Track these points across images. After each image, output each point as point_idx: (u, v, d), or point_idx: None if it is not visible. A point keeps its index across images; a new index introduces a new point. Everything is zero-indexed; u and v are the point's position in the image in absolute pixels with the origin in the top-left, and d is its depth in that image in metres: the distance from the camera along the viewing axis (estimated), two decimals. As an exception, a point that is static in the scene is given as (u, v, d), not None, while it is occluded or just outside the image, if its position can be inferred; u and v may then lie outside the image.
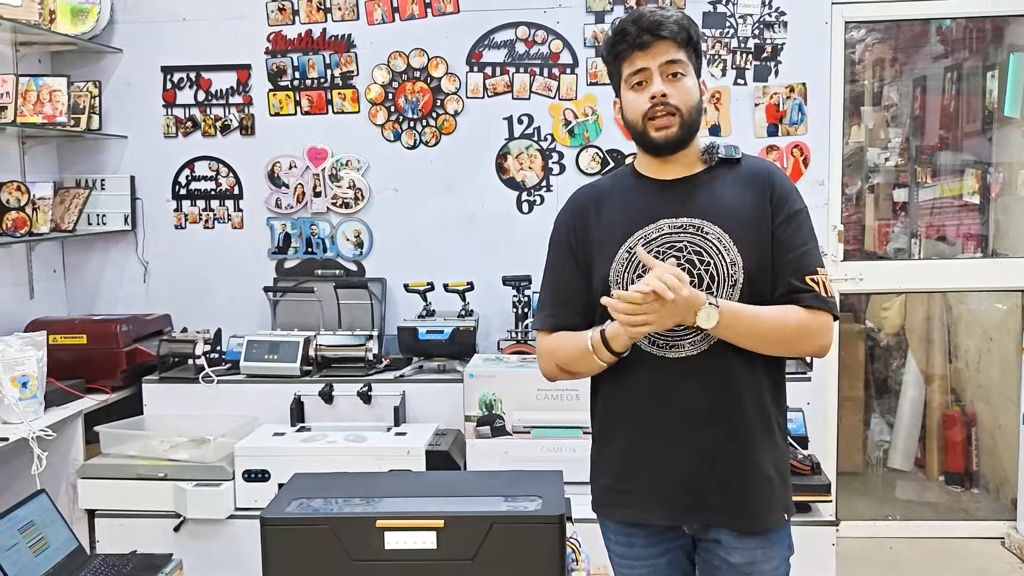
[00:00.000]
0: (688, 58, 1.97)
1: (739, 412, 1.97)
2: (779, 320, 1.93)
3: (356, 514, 2.21)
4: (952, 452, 4.75)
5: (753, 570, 2.01)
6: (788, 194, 2.01)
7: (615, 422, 2.09)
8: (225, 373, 3.86)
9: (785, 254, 1.97)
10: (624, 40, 1.96)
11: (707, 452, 1.97)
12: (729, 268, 1.94)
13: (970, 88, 4.73)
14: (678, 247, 1.96)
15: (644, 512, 2.05)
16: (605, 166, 4.08)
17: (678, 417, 1.98)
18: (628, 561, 2.14)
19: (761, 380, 2.00)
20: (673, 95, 1.94)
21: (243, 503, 3.50)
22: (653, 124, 1.96)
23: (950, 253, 4.68)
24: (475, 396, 3.48)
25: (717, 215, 1.97)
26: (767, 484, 2.00)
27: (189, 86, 4.22)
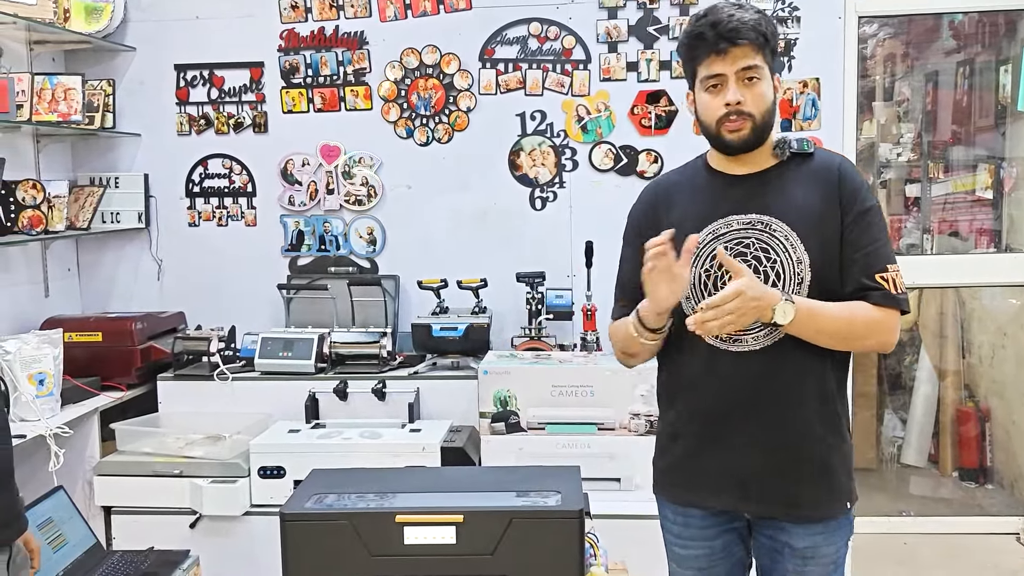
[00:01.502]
0: (764, 60, 1.99)
1: (802, 405, 2.03)
2: (848, 316, 1.97)
3: (375, 509, 2.21)
4: (966, 448, 4.74)
5: (814, 553, 2.06)
6: (858, 191, 2.02)
7: (679, 409, 2.15)
8: (240, 370, 3.87)
9: (854, 252, 1.99)
10: (701, 44, 1.98)
11: (770, 443, 2.03)
12: (795, 266, 1.99)
13: (983, 83, 4.71)
14: (745, 243, 2.01)
15: (706, 497, 2.11)
16: (618, 162, 4.08)
17: (741, 408, 2.03)
18: (683, 541, 2.20)
19: (826, 373, 2.05)
20: (748, 101, 1.97)
21: (259, 500, 3.51)
22: (727, 127, 1.99)
23: (963, 248, 4.67)
24: (489, 392, 3.48)
25: (785, 212, 2.00)
26: (829, 475, 2.05)
27: (202, 84, 4.23)
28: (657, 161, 4.06)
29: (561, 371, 3.48)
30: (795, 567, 2.08)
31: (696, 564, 2.19)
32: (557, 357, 3.68)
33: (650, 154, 4.07)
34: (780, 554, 2.09)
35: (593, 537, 2.49)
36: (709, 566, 2.18)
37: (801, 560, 2.07)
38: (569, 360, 3.62)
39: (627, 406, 3.42)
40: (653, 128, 4.06)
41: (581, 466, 2.53)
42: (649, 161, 4.07)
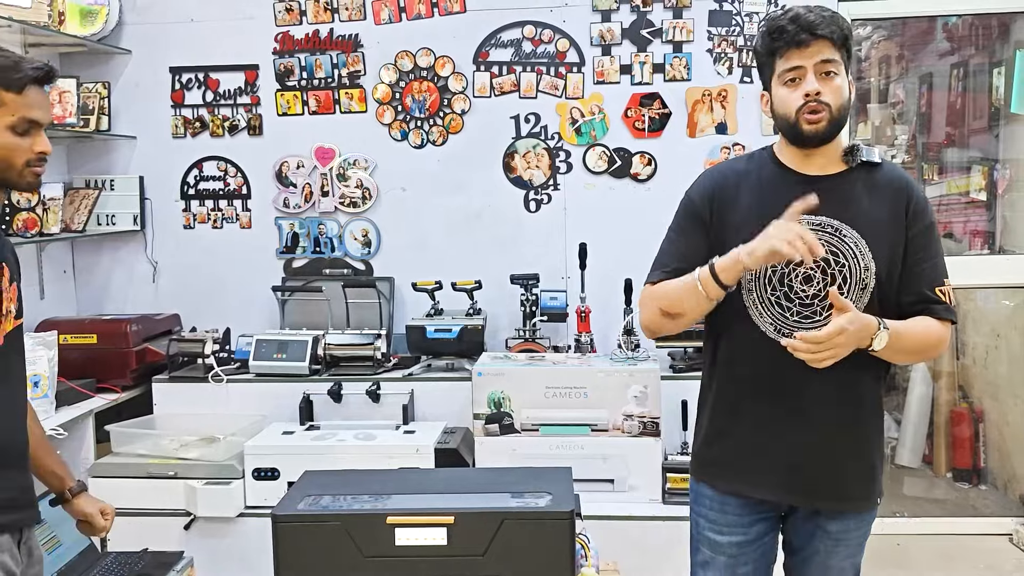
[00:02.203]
0: (841, 58, 2.03)
1: (855, 404, 2.10)
2: (924, 335, 2.05)
3: (367, 511, 2.22)
4: (960, 449, 4.73)
5: (845, 537, 2.17)
6: (925, 206, 2.10)
7: (727, 398, 2.19)
8: (234, 372, 3.88)
9: (917, 265, 2.07)
10: (782, 37, 2.02)
11: (819, 438, 2.10)
12: (862, 272, 2.03)
13: (977, 85, 4.72)
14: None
15: (753, 487, 2.17)
16: (612, 164, 4.09)
17: (791, 402, 2.09)
18: (719, 527, 2.24)
19: (875, 375, 2.12)
20: (825, 93, 2.00)
21: (253, 501, 3.52)
22: (806, 118, 2.01)
23: (957, 250, 4.67)
24: (483, 394, 3.49)
25: (855, 219, 2.05)
26: (870, 472, 2.15)
27: (197, 87, 4.24)
28: (651, 163, 4.07)
29: (555, 373, 3.49)
30: (826, 547, 2.18)
31: (729, 551, 2.24)
32: (551, 359, 3.69)
33: (644, 157, 4.08)
34: (813, 536, 2.19)
35: (584, 538, 2.50)
36: (740, 552, 2.24)
37: (833, 542, 2.18)
38: (563, 362, 3.63)
39: (620, 407, 3.43)
40: (647, 131, 4.07)
41: (574, 467, 2.54)
42: (643, 164, 4.08)
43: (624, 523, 3.32)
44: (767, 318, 2.10)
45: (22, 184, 1.95)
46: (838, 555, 2.19)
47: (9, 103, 1.87)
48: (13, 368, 2.04)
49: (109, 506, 2.40)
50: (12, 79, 1.86)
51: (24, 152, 1.90)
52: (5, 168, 1.90)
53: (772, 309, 2.09)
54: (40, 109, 1.92)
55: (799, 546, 2.24)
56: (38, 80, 1.90)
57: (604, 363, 3.57)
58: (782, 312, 2.08)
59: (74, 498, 2.32)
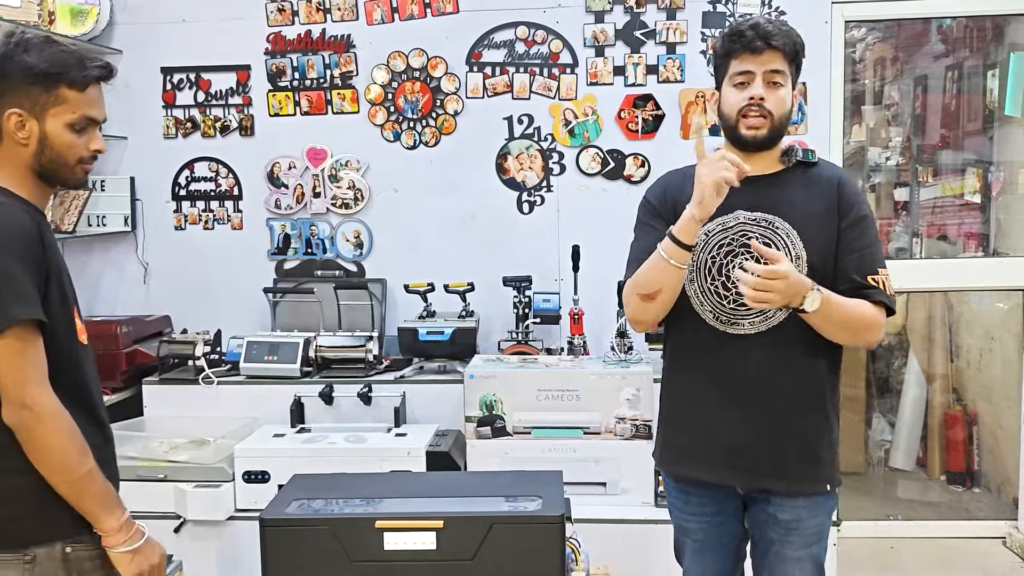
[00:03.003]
0: (790, 71, 2.19)
1: (794, 387, 2.21)
2: (857, 311, 2.15)
3: (355, 515, 2.22)
4: (954, 451, 4.74)
5: (799, 526, 2.24)
6: (856, 199, 2.23)
7: (678, 390, 2.35)
8: (225, 374, 3.87)
9: (850, 254, 2.19)
10: (739, 41, 2.16)
11: (761, 422, 2.20)
12: (794, 261, 2.14)
13: (971, 87, 4.72)
14: (749, 236, 2.18)
15: (700, 471, 2.29)
16: (605, 166, 4.08)
17: (735, 388, 2.21)
18: (684, 514, 2.38)
19: (818, 362, 2.23)
20: (769, 100, 2.15)
21: (243, 504, 3.50)
22: (746, 122, 2.17)
23: (951, 252, 4.67)
24: (476, 397, 3.47)
25: (788, 212, 2.19)
26: (815, 456, 2.24)
27: (189, 87, 4.22)
28: (644, 165, 4.06)
29: (547, 375, 3.48)
30: (779, 536, 2.26)
31: (695, 535, 2.37)
32: (544, 361, 3.68)
33: (637, 158, 4.07)
34: (767, 525, 2.27)
35: (575, 542, 2.50)
36: (705, 539, 2.36)
37: (785, 531, 2.25)
38: (555, 364, 3.62)
39: (613, 410, 3.42)
40: (640, 132, 4.06)
41: (566, 470, 2.56)
42: (636, 165, 4.07)
43: (616, 526, 3.31)
44: (707, 307, 2.23)
45: (71, 181, 1.95)
46: (792, 545, 2.25)
47: (71, 100, 1.87)
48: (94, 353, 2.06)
49: None
50: (77, 77, 1.86)
51: (79, 150, 1.91)
52: (59, 165, 1.90)
53: (712, 298, 2.22)
54: (100, 107, 1.93)
55: (756, 537, 2.33)
56: (101, 78, 1.92)
57: (597, 365, 3.55)
58: (720, 301, 2.21)
59: None
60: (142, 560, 1.90)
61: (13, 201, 1.84)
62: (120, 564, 1.88)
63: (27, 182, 1.90)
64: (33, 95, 1.85)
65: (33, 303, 1.77)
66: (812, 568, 2.29)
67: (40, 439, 1.79)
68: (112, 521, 1.86)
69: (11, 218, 1.79)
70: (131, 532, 1.89)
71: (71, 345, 1.90)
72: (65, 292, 1.89)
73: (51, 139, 1.87)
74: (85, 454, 1.82)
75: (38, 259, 1.80)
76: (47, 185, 1.94)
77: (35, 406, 1.77)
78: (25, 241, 1.78)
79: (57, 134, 1.87)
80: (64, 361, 1.87)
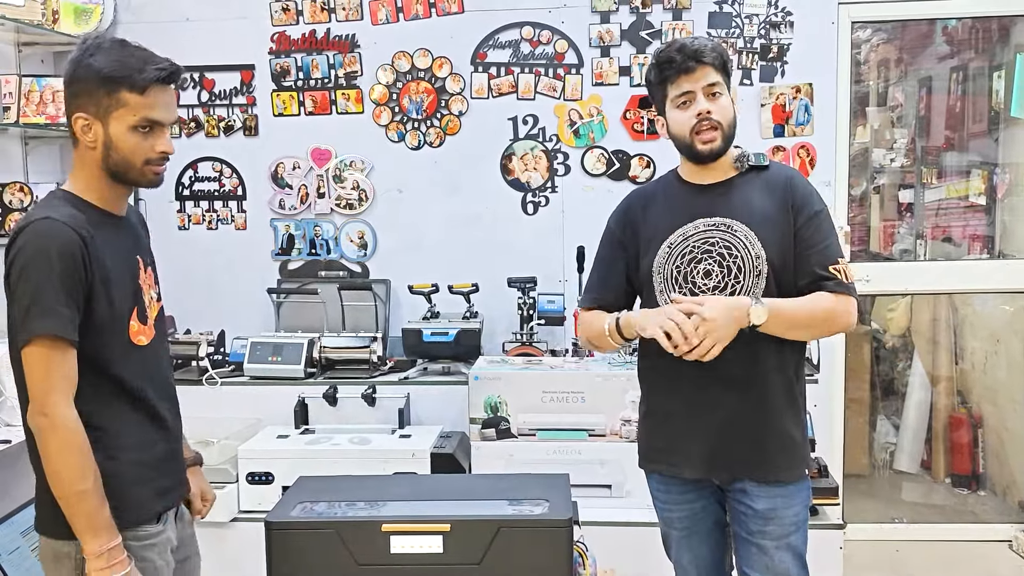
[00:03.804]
0: (723, 80, 2.30)
1: (765, 384, 2.29)
2: (811, 308, 2.25)
3: (361, 518, 2.21)
4: (959, 454, 4.72)
5: (775, 515, 2.31)
6: (808, 197, 2.32)
7: (654, 390, 2.44)
8: (229, 375, 3.86)
9: (808, 249, 2.28)
10: (671, 66, 2.27)
11: (733, 416, 2.28)
12: (754, 261, 2.26)
13: (976, 88, 4.70)
14: (711, 242, 2.29)
15: (677, 467, 2.37)
16: (610, 167, 4.07)
17: (710, 387, 2.28)
18: (668, 506, 2.47)
19: (786, 356, 2.32)
20: (715, 112, 2.27)
21: (247, 506, 3.49)
22: (700, 138, 2.28)
23: (956, 254, 4.64)
24: (480, 398, 3.45)
25: (745, 215, 2.29)
26: (788, 444, 2.32)
27: (193, 86, 4.22)
28: (649, 166, 4.05)
29: (552, 377, 3.46)
30: (758, 527, 2.32)
31: (679, 525, 2.46)
32: (548, 363, 3.66)
33: (642, 159, 4.06)
34: (745, 515, 2.33)
35: (582, 545, 2.49)
36: (691, 525, 2.44)
37: (763, 520, 2.31)
38: (560, 366, 3.60)
39: (618, 412, 3.40)
40: (646, 133, 4.05)
41: (572, 473, 2.55)
42: (641, 166, 4.06)
43: (621, 529, 3.28)
44: None
45: (143, 182, 1.99)
46: (770, 535, 2.32)
47: (132, 103, 1.91)
48: (163, 353, 2.16)
49: (211, 491, 2.44)
50: (136, 80, 1.91)
51: (144, 151, 1.94)
52: (126, 167, 1.95)
53: None
54: (163, 109, 1.97)
55: (737, 529, 2.38)
56: (161, 80, 1.94)
57: (602, 367, 3.53)
58: None
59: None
60: None
61: (67, 212, 1.89)
62: None
63: (100, 184, 1.97)
64: (97, 98, 1.90)
65: (60, 320, 1.83)
66: (791, 558, 2.34)
67: (47, 447, 1.86)
68: (94, 546, 1.87)
69: (52, 237, 1.85)
70: (112, 562, 1.88)
71: (123, 349, 1.97)
72: (113, 300, 1.94)
73: (115, 142, 1.92)
74: (84, 474, 1.86)
75: (77, 276, 1.86)
76: (121, 185, 2.00)
77: (52, 416, 1.84)
78: (63, 260, 1.84)
79: (121, 137, 1.92)
80: (113, 365, 1.95)
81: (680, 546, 2.49)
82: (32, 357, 1.85)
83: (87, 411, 1.90)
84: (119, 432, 1.98)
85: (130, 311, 1.99)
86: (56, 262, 1.83)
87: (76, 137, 1.94)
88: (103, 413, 1.95)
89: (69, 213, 1.90)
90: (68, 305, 1.85)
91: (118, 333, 1.96)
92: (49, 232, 1.85)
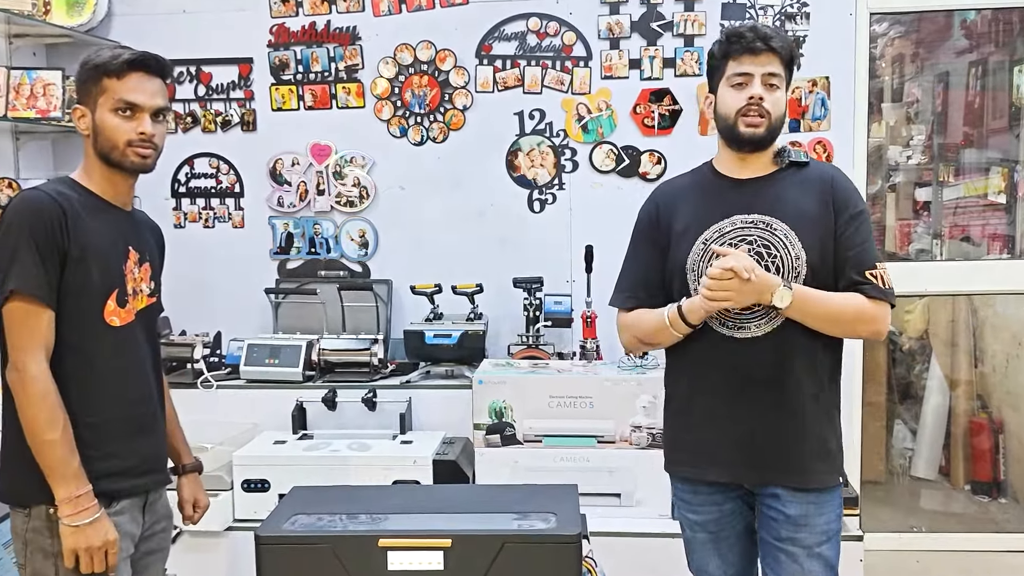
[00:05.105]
0: (785, 75, 2.27)
1: (799, 386, 2.23)
2: (842, 304, 2.20)
3: (357, 532, 2.11)
4: (979, 460, 4.61)
5: (807, 522, 2.25)
6: (850, 196, 2.28)
7: (686, 392, 2.36)
8: (224, 378, 3.81)
9: (847, 251, 2.23)
10: (739, 42, 2.23)
11: (767, 419, 2.23)
12: (793, 261, 2.21)
13: (996, 83, 4.60)
14: (748, 240, 2.23)
15: (708, 470, 2.31)
16: (620, 163, 3.99)
17: (742, 388, 2.24)
18: (694, 507, 2.38)
19: (820, 361, 2.27)
20: (768, 101, 2.22)
21: (242, 514, 3.40)
22: (745, 120, 2.22)
23: (975, 254, 4.55)
24: (484, 403, 3.37)
25: (784, 213, 2.24)
26: (821, 449, 2.27)
27: (189, 80, 4.14)
28: (660, 162, 3.97)
29: (559, 381, 3.37)
30: (788, 533, 2.25)
31: (707, 528, 2.37)
32: (555, 366, 3.57)
33: (653, 155, 3.98)
34: (776, 521, 2.27)
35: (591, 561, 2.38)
36: (719, 529, 2.37)
37: (794, 527, 2.25)
38: (568, 369, 3.51)
39: (628, 418, 3.31)
40: (656, 128, 3.97)
41: (579, 481, 2.50)
42: (652, 162, 3.98)
43: (632, 540, 3.20)
44: (713, 314, 2.25)
45: (126, 163, 2.12)
46: (800, 542, 2.25)
47: (111, 88, 2.09)
48: (142, 344, 2.23)
49: (205, 499, 2.57)
50: (111, 66, 2.09)
51: (125, 132, 2.09)
52: (110, 148, 2.11)
53: None
54: (140, 93, 2.11)
55: (765, 535, 2.32)
56: (135, 65, 2.10)
57: (611, 371, 3.44)
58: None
59: (181, 477, 2.52)
60: (80, 538, 2.01)
61: (56, 188, 2.08)
62: (63, 535, 2.02)
63: (97, 172, 2.15)
64: (87, 89, 2.12)
65: (37, 280, 1.99)
66: (821, 568, 2.27)
67: (19, 399, 2.01)
68: (62, 492, 2.00)
69: (31, 201, 2.03)
70: (80, 509, 2.00)
71: (95, 328, 2.10)
72: (91, 275, 2.07)
73: (99, 125, 2.10)
74: (52, 425, 1.99)
75: (54, 242, 2.00)
76: (117, 174, 2.15)
77: (23, 371, 1.99)
78: (40, 223, 1.99)
79: (104, 120, 2.10)
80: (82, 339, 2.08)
81: (706, 552, 2.41)
82: (10, 315, 2.00)
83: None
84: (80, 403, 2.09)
85: (108, 292, 2.11)
86: (35, 227, 1.99)
87: (79, 129, 2.14)
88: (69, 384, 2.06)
89: (58, 189, 2.08)
90: (46, 268, 2.00)
91: (90, 311, 2.09)
92: (32, 200, 2.03)
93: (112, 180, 2.16)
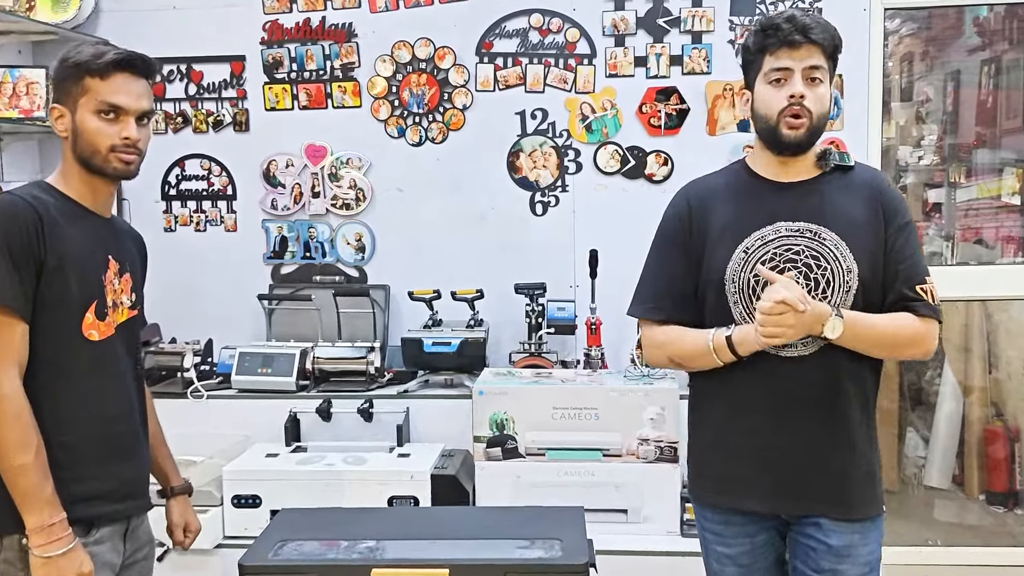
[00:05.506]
0: (828, 67, 2.11)
1: (847, 408, 2.11)
2: (894, 328, 2.08)
3: (348, 561, 2.00)
4: (994, 470, 4.52)
5: (851, 552, 2.12)
6: (899, 205, 2.16)
7: (723, 414, 2.21)
8: (215, 388, 3.72)
9: (897, 264, 2.10)
10: (776, 35, 2.08)
11: (814, 444, 2.11)
12: (845, 275, 2.08)
13: (1010, 82, 4.53)
14: (795, 251, 2.10)
15: (744, 502, 2.18)
16: (625, 164, 3.92)
17: (787, 411, 2.11)
18: (725, 539, 2.24)
19: (866, 381, 2.15)
20: (809, 99, 2.06)
21: (232, 531, 3.30)
22: (787, 122, 2.06)
23: (988, 257, 4.48)
24: (485, 414, 3.27)
25: (833, 221, 2.10)
26: (869, 475, 2.16)
27: (179, 79, 4.07)
28: (667, 163, 3.90)
29: (563, 391, 3.28)
30: (831, 565, 2.13)
31: (738, 561, 2.24)
32: (559, 375, 3.49)
33: (659, 156, 3.91)
34: (815, 551, 2.14)
35: (599, 589, 2.25)
36: (751, 562, 2.24)
37: (836, 557, 2.12)
38: (572, 379, 3.42)
39: (635, 431, 3.21)
40: (663, 128, 3.90)
41: (584, 496, 2.44)
42: (658, 163, 3.91)
43: (639, 558, 3.10)
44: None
45: (108, 169, 2.03)
46: (844, 574, 2.14)
47: (94, 88, 2.00)
48: (123, 358, 2.14)
49: (196, 522, 2.48)
50: (94, 65, 2.00)
51: (108, 137, 2.00)
52: (91, 152, 2.02)
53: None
54: (125, 95, 2.02)
55: (802, 568, 2.19)
56: (120, 65, 2.01)
57: (617, 381, 3.34)
58: None
59: (170, 499, 2.44)
60: (52, 570, 1.90)
61: (31, 193, 1.98)
62: (33, 567, 1.91)
63: (76, 177, 2.06)
64: (67, 88, 2.02)
65: (8, 291, 1.89)
66: None
67: None
68: (33, 521, 1.89)
69: (5, 206, 1.93)
70: (52, 539, 1.90)
71: (71, 342, 2.00)
72: (69, 286, 1.98)
73: (80, 128, 2.01)
74: (24, 448, 1.88)
75: (29, 250, 1.91)
76: (97, 179, 2.06)
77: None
78: (14, 229, 1.90)
79: (85, 122, 2.00)
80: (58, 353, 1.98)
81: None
82: None
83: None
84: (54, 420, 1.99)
85: (86, 304, 2.02)
86: (9, 233, 1.90)
87: (56, 131, 2.05)
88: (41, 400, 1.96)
89: (33, 194, 1.98)
90: (20, 277, 1.91)
91: (67, 324, 2.00)
92: (5, 204, 1.94)
93: (92, 185, 2.07)
